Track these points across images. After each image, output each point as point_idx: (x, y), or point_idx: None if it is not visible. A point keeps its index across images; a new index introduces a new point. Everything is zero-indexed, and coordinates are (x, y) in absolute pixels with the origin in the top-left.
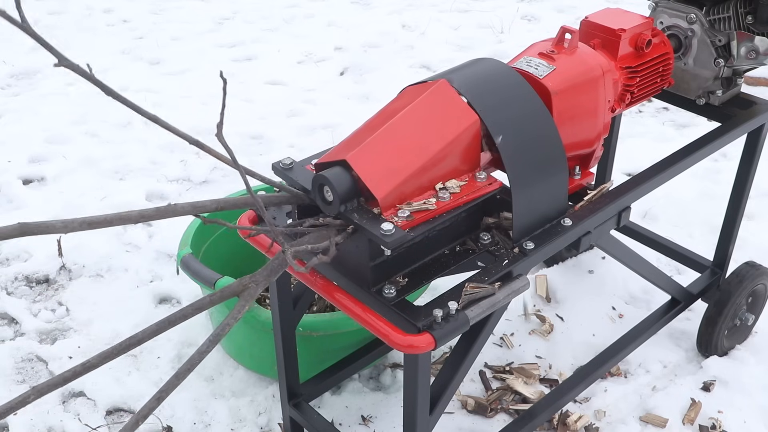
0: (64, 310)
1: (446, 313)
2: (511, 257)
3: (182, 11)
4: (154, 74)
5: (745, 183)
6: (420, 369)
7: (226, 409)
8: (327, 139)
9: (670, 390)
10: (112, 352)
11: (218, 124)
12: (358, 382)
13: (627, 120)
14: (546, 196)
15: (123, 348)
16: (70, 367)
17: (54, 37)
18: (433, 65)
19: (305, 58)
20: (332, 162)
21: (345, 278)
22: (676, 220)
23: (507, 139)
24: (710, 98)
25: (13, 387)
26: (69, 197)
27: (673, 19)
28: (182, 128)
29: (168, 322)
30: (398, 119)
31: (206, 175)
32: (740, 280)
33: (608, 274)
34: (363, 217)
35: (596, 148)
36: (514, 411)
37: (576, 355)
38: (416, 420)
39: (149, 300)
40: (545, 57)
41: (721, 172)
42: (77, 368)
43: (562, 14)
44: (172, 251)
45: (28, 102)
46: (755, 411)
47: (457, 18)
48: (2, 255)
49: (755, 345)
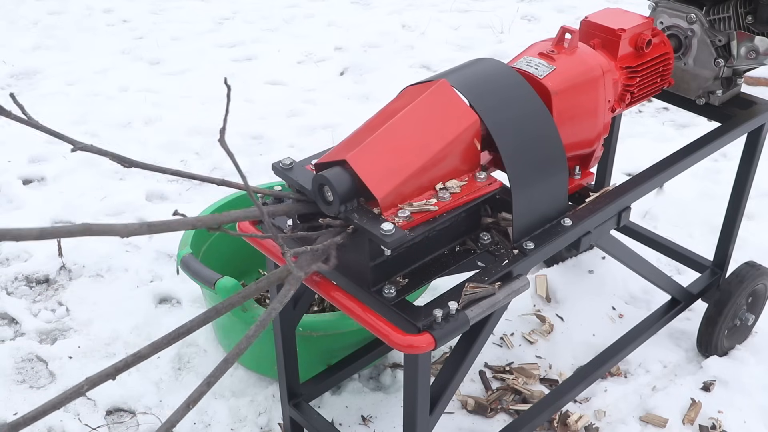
0: (64, 310)
1: (446, 313)
2: (511, 257)
3: (182, 11)
4: (154, 74)
5: (745, 183)
6: (420, 369)
7: (226, 409)
8: (327, 139)
9: (670, 390)
10: (162, 342)
11: (221, 129)
12: (358, 382)
13: (627, 120)
14: (546, 196)
15: (172, 338)
16: (69, 366)
17: (54, 37)
18: (433, 65)
19: (305, 58)
20: (332, 162)
21: (345, 278)
22: (676, 220)
23: (507, 139)
24: (710, 98)
25: (13, 387)
26: (69, 197)
27: (673, 19)
28: (182, 128)
29: (216, 311)
30: (398, 119)
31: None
32: (740, 280)
33: (608, 274)
34: (363, 217)
35: (596, 148)
36: (514, 411)
37: (576, 355)
38: (416, 420)
39: (149, 300)
40: (545, 57)
41: (721, 172)
42: (128, 359)
43: (562, 14)
44: (172, 251)
45: (28, 102)
46: (755, 411)
47: (457, 18)
48: (2, 255)
49: (755, 345)
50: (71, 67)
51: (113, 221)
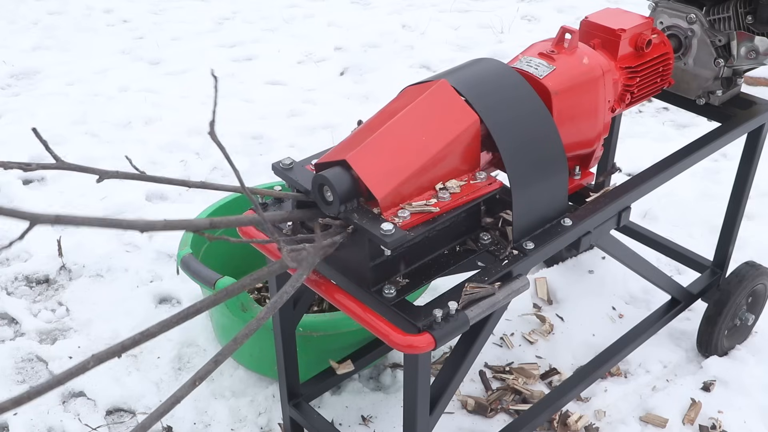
0: (64, 310)
1: (446, 313)
2: (511, 257)
3: (182, 11)
4: (154, 74)
5: (745, 183)
6: (420, 369)
7: (226, 409)
8: (327, 139)
9: (670, 390)
10: (171, 321)
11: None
12: (358, 382)
13: (627, 120)
14: (546, 196)
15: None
16: (70, 366)
17: (54, 37)
18: (433, 65)
19: (305, 58)
20: (332, 162)
21: (345, 278)
22: (676, 220)
23: (507, 139)
24: (710, 98)
25: (14, 387)
26: (69, 197)
27: (673, 19)
28: (182, 128)
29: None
30: (398, 119)
31: (206, 175)
32: (740, 280)
33: (608, 274)
34: (363, 217)
35: (596, 148)
36: (514, 411)
37: (576, 355)
38: (416, 420)
39: (149, 300)
40: (545, 57)
41: (721, 172)
42: (136, 336)
43: (562, 14)
44: (172, 251)
45: (28, 102)
46: (755, 411)
47: (457, 18)
48: (2, 255)
49: (755, 345)
50: (71, 67)
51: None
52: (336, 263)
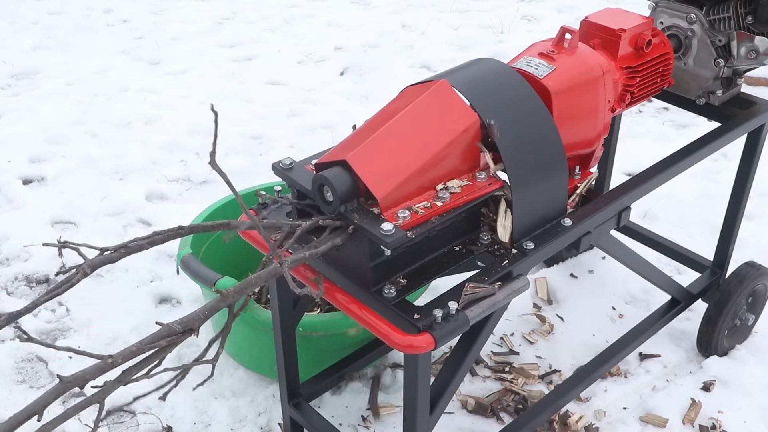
0: (64, 310)
1: (446, 313)
2: (511, 257)
3: (182, 11)
4: (154, 74)
5: (745, 183)
6: (420, 369)
7: (226, 409)
8: (327, 139)
9: (670, 390)
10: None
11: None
12: (358, 382)
13: (627, 120)
14: (546, 196)
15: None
16: (69, 366)
17: (54, 37)
18: (433, 65)
19: (305, 58)
20: (332, 162)
21: (345, 278)
22: (676, 220)
23: (507, 139)
24: (710, 98)
25: (14, 387)
26: (69, 197)
27: (673, 19)
28: (182, 128)
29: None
30: (398, 119)
31: (206, 175)
32: (740, 280)
33: (608, 274)
34: (363, 218)
35: (596, 148)
36: (514, 411)
37: (576, 355)
38: (416, 420)
39: (149, 300)
40: (545, 57)
41: (721, 172)
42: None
43: (562, 14)
44: (172, 251)
45: (28, 102)
46: (755, 411)
47: (457, 18)
48: (2, 255)
49: (755, 345)
50: (71, 67)
51: (113, 221)
52: (336, 263)
